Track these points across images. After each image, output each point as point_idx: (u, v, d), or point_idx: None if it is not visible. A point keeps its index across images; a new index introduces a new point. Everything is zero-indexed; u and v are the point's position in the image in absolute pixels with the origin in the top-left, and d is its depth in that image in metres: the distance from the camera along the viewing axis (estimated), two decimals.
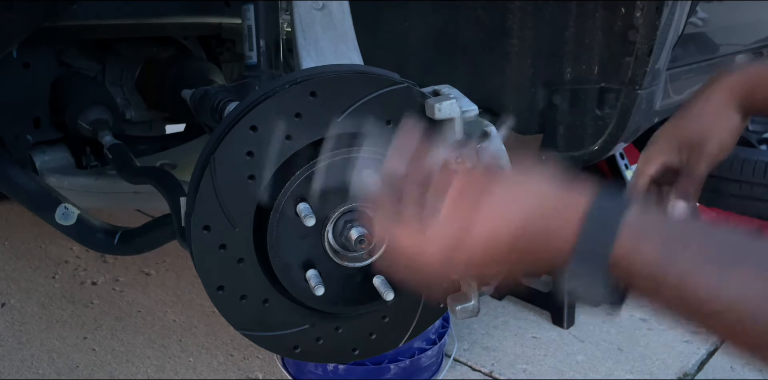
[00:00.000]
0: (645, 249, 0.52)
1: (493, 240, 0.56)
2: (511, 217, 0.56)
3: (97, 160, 1.55)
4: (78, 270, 2.25)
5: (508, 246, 0.56)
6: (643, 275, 0.52)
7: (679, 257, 0.51)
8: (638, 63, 1.21)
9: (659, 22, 1.17)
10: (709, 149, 0.88)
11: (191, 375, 1.70)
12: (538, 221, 0.55)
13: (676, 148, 0.90)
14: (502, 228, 0.56)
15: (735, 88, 0.87)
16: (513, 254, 0.57)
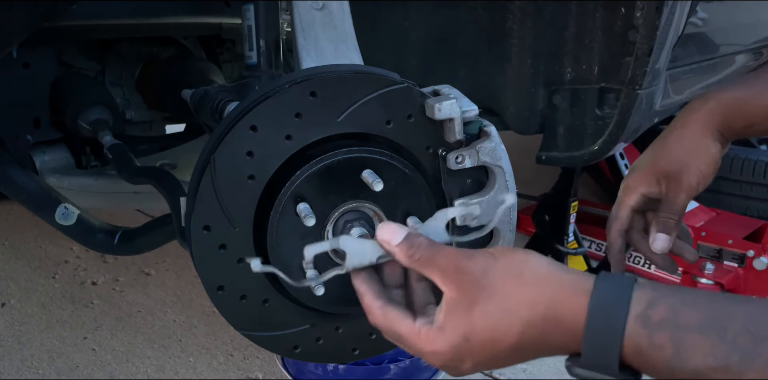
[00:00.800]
0: (655, 355, 0.50)
1: (495, 349, 0.57)
2: (510, 321, 0.56)
3: (97, 160, 1.55)
4: (78, 270, 2.25)
5: (510, 350, 0.57)
6: (657, 376, 0.52)
7: (690, 362, 0.50)
8: (638, 63, 1.21)
9: (659, 22, 1.17)
10: (687, 181, 0.86)
11: (191, 375, 1.70)
12: (539, 322, 0.55)
13: (655, 179, 0.89)
14: (502, 333, 0.56)
15: (712, 117, 0.85)
16: (516, 353, 0.57)
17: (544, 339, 0.55)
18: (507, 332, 0.56)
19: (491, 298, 0.56)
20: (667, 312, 0.51)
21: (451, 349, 0.58)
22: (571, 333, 0.53)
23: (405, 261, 0.63)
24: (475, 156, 0.91)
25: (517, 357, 0.58)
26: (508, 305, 0.56)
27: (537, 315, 0.55)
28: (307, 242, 0.87)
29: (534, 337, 0.55)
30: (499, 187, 0.93)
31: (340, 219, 0.89)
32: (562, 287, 0.55)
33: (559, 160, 1.38)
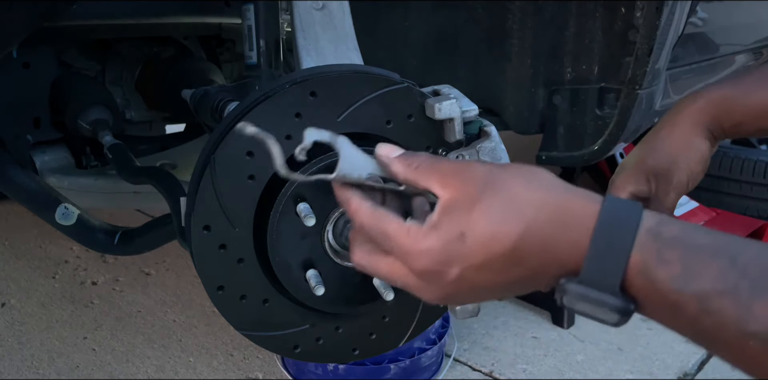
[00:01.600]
0: (661, 272, 0.47)
1: (490, 252, 0.50)
2: (514, 219, 0.50)
3: (97, 160, 1.55)
4: (78, 270, 2.25)
5: (506, 257, 0.51)
6: (658, 301, 0.48)
7: (698, 282, 0.46)
8: (638, 63, 1.21)
9: (659, 22, 1.17)
10: (677, 179, 0.85)
11: (191, 375, 1.70)
12: (544, 225, 0.50)
13: (645, 177, 0.88)
14: (503, 233, 0.50)
15: (702, 115, 0.85)
16: (510, 264, 0.51)
17: (546, 247, 0.50)
18: (508, 232, 0.50)
19: (495, 195, 0.51)
20: (679, 231, 0.48)
21: (442, 247, 0.51)
22: (575, 245, 0.49)
23: (402, 171, 0.58)
24: (476, 156, 0.91)
25: (510, 270, 0.51)
26: (514, 202, 0.50)
27: (544, 216, 0.50)
28: (307, 242, 0.88)
29: (535, 243, 0.50)
30: None
31: (340, 219, 0.89)
32: (573, 193, 0.51)
33: (559, 160, 1.38)
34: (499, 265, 0.51)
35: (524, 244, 0.50)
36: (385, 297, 0.91)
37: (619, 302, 0.48)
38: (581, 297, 0.49)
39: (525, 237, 0.50)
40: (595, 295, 0.49)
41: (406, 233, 0.54)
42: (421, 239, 0.53)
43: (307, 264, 0.89)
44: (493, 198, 0.51)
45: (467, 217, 0.51)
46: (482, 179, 0.52)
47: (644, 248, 0.47)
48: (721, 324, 0.46)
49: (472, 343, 1.85)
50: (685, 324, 0.48)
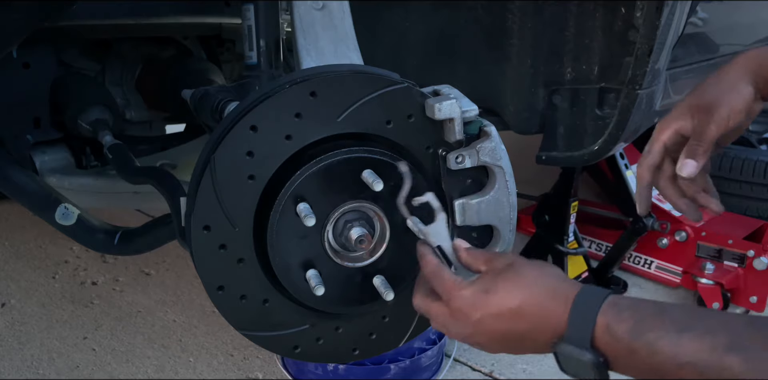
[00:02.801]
0: (619, 328, 0.65)
1: (502, 306, 0.72)
2: (521, 288, 0.72)
3: (97, 160, 1.55)
4: (78, 270, 2.25)
5: (512, 312, 0.71)
6: (620, 351, 0.64)
7: (646, 332, 0.63)
8: (638, 63, 1.21)
9: (659, 22, 1.17)
10: (719, 113, 0.89)
11: (191, 375, 1.70)
12: (540, 298, 0.70)
13: (689, 114, 0.92)
14: (511, 296, 0.71)
15: (749, 63, 0.91)
16: (515, 318, 0.71)
17: (542, 310, 0.69)
18: (516, 295, 0.71)
19: (515, 272, 0.74)
20: (631, 301, 0.67)
21: (472, 295, 0.73)
22: (562, 314, 0.68)
23: (464, 253, 0.82)
24: (475, 156, 0.91)
25: (516, 322, 0.71)
26: (525, 279, 0.73)
27: (543, 290, 0.70)
28: (307, 242, 0.88)
29: (534, 304, 0.70)
30: (499, 186, 0.94)
31: (340, 219, 0.89)
32: (567, 282, 0.72)
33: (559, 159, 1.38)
34: (508, 317, 0.71)
35: (527, 305, 0.70)
36: (385, 297, 0.91)
37: (591, 356, 0.65)
38: (567, 356, 0.67)
39: (528, 300, 0.71)
40: (576, 352, 0.66)
41: (453, 283, 0.76)
42: (462, 288, 0.75)
43: (307, 264, 0.89)
44: (512, 273, 0.74)
45: (493, 282, 0.73)
46: (509, 261, 0.76)
47: (607, 314, 0.66)
48: (664, 360, 0.62)
49: None
50: (641, 366, 0.64)
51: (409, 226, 0.85)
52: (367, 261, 0.92)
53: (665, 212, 2.26)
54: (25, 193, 1.33)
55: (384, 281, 0.92)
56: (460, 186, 0.94)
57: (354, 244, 0.88)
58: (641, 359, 0.63)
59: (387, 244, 0.92)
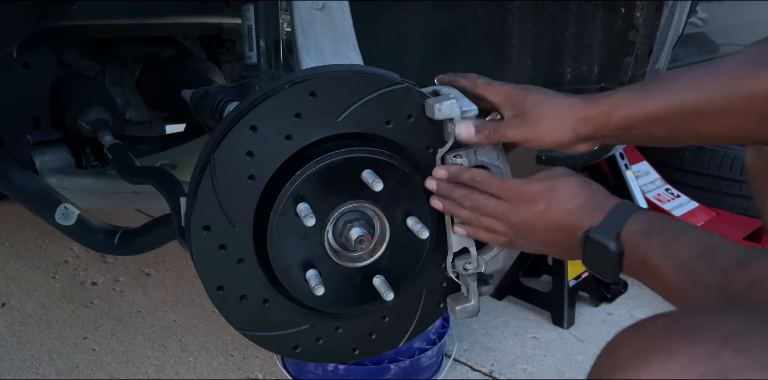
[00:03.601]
0: (637, 233, 0.76)
1: (569, 197, 0.83)
2: (581, 190, 0.84)
3: (97, 160, 1.55)
4: (78, 270, 2.25)
5: (576, 204, 0.83)
6: (630, 244, 0.76)
7: (654, 238, 0.75)
8: (638, 63, 1.22)
9: (659, 22, 1.17)
10: (525, 130, 0.88)
11: (191, 375, 1.70)
12: (594, 196, 0.83)
13: (511, 104, 0.90)
14: (574, 192, 0.83)
15: (594, 123, 0.87)
16: (576, 211, 0.82)
17: (594, 203, 0.81)
18: (576, 193, 0.83)
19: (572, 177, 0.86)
20: (661, 216, 0.79)
21: (542, 188, 0.85)
22: (605, 210, 0.80)
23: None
24: (473, 155, 0.91)
25: (570, 213, 0.82)
26: (578, 183, 0.85)
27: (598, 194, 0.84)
28: (307, 242, 0.88)
29: (590, 198, 0.82)
30: None
31: (340, 219, 0.89)
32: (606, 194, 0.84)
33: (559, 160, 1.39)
34: (568, 209, 0.82)
35: (582, 201, 0.82)
36: (385, 297, 0.91)
37: (614, 245, 0.76)
38: (595, 243, 0.78)
39: (583, 198, 0.83)
40: (604, 239, 0.77)
41: (519, 181, 0.87)
42: (531, 183, 0.86)
43: (307, 264, 0.89)
44: (573, 178, 0.86)
45: (555, 181, 0.85)
46: (566, 171, 0.88)
47: (637, 217, 0.78)
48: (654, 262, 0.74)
49: (472, 343, 1.85)
50: (635, 259, 0.76)
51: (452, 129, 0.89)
52: (367, 261, 0.92)
53: (665, 212, 2.26)
54: (25, 193, 1.33)
55: (384, 281, 0.92)
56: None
57: (354, 244, 0.88)
58: (639, 261, 0.75)
59: (387, 244, 0.92)
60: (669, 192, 2.42)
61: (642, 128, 0.84)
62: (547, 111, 0.88)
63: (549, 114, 0.88)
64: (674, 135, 0.85)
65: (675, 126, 0.83)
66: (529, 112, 0.88)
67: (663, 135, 0.85)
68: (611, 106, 0.86)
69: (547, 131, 0.88)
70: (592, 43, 1.26)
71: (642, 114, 0.83)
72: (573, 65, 1.30)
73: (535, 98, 0.89)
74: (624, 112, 0.84)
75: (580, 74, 1.30)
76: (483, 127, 0.89)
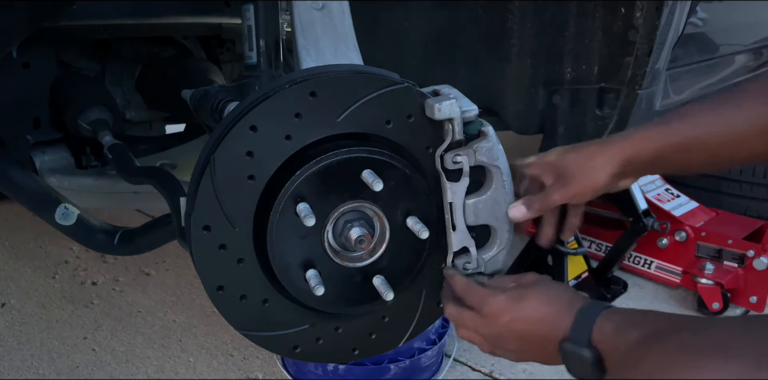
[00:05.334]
0: (607, 327, 0.76)
1: (531, 311, 0.84)
2: (544, 303, 0.84)
3: (97, 160, 1.55)
4: (78, 270, 2.25)
5: (538, 318, 0.84)
6: (608, 346, 0.75)
7: (627, 336, 0.73)
8: (638, 63, 1.21)
9: (659, 22, 1.17)
10: (567, 188, 0.93)
11: (191, 375, 1.70)
12: (557, 308, 0.83)
13: (550, 170, 0.96)
14: (536, 305, 0.84)
15: (623, 152, 0.91)
16: (539, 324, 0.83)
17: (558, 316, 0.81)
18: (542, 304, 0.84)
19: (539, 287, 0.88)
20: (625, 310, 0.78)
21: (506, 301, 0.86)
22: (569, 320, 0.80)
23: (492, 280, 0.96)
24: (472, 155, 0.91)
25: (537, 325, 0.83)
26: (545, 293, 0.86)
27: (558, 303, 0.83)
28: (306, 242, 0.88)
29: (552, 313, 0.82)
30: (497, 186, 0.94)
31: (340, 219, 0.89)
32: (575, 295, 0.85)
33: None
34: (534, 321, 0.83)
35: (547, 313, 0.83)
36: (384, 297, 0.91)
37: (588, 352, 0.76)
38: (570, 353, 0.78)
39: (549, 310, 0.83)
40: (577, 349, 0.77)
41: (487, 292, 0.88)
42: (497, 295, 0.87)
43: (307, 264, 0.89)
44: (540, 287, 0.87)
45: (523, 293, 0.86)
46: (534, 279, 0.90)
47: (603, 318, 0.77)
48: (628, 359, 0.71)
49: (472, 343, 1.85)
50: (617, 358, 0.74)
51: (438, 168, 0.92)
52: (366, 261, 0.92)
53: (665, 212, 2.26)
54: (25, 193, 1.33)
55: (384, 281, 0.92)
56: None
57: (354, 244, 0.88)
58: (618, 352, 0.73)
59: (387, 244, 0.92)
60: (669, 192, 2.42)
61: (668, 157, 0.87)
62: (580, 166, 0.92)
63: (583, 168, 0.92)
64: (691, 162, 0.88)
65: (694, 154, 0.86)
66: (565, 174, 0.93)
67: (680, 162, 0.88)
68: (637, 141, 0.89)
69: (587, 184, 0.92)
70: (592, 43, 1.26)
71: (669, 144, 0.86)
72: (573, 65, 1.30)
73: (564, 159, 0.94)
74: (655, 144, 0.87)
75: (580, 74, 1.30)
76: (532, 203, 0.95)
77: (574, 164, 0.93)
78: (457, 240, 0.94)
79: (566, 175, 0.93)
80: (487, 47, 1.37)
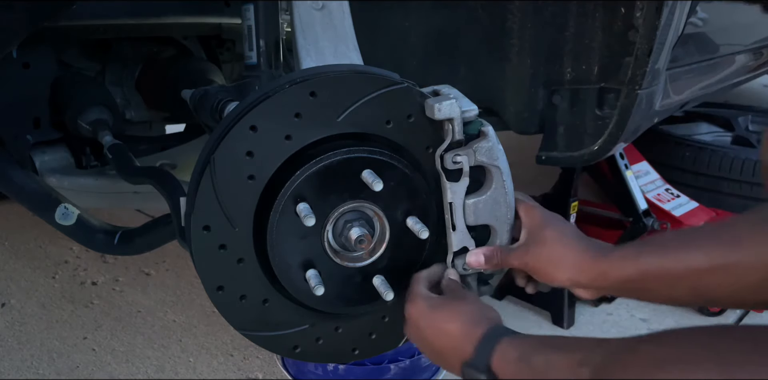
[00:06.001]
0: (510, 355, 0.78)
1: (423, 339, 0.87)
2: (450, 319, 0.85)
3: (97, 160, 1.55)
4: (78, 270, 2.25)
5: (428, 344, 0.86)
6: (508, 372, 0.77)
7: (530, 355, 0.76)
8: (638, 63, 1.21)
9: (659, 22, 1.17)
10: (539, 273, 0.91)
11: (191, 375, 1.70)
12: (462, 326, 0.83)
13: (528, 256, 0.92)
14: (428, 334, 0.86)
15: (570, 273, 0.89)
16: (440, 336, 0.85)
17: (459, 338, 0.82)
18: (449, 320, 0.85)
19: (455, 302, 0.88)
20: (525, 336, 0.82)
21: (422, 306, 0.88)
22: (467, 349, 0.81)
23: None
24: (472, 155, 0.91)
25: (438, 337, 0.85)
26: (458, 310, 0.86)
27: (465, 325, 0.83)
28: (306, 242, 0.88)
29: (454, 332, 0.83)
30: (497, 186, 0.94)
31: (340, 219, 0.89)
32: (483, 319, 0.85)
33: (559, 160, 1.38)
34: (436, 331, 0.85)
35: (453, 329, 0.83)
36: (384, 298, 0.91)
37: (485, 377, 0.78)
38: (470, 377, 0.79)
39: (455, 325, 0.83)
40: (476, 374, 0.78)
41: (415, 294, 0.91)
42: (419, 300, 0.89)
43: (306, 264, 0.89)
44: (455, 303, 0.88)
45: (440, 304, 0.88)
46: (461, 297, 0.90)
47: (504, 345, 0.79)
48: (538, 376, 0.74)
49: None
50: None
51: (437, 168, 0.92)
52: (366, 261, 0.92)
53: (665, 212, 2.26)
54: (25, 193, 1.33)
55: (384, 281, 0.92)
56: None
57: (354, 244, 0.88)
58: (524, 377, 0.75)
59: (387, 244, 0.92)
60: (669, 192, 2.42)
61: (639, 284, 0.84)
62: (554, 252, 0.89)
63: (554, 255, 0.89)
64: (673, 293, 0.83)
65: (672, 284, 0.81)
66: (537, 246, 0.90)
67: (661, 291, 0.84)
68: (611, 263, 0.86)
69: (546, 271, 0.90)
70: (592, 43, 1.26)
71: (637, 271, 0.83)
72: (573, 65, 1.30)
73: (548, 235, 0.90)
74: (621, 268, 0.84)
75: (580, 74, 1.30)
76: (492, 257, 0.95)
77: (550, 247, 0.89)
78: (457, 240, 0.94)
79: (535, 250, 0.90)
80: (487, 47, 1.37)
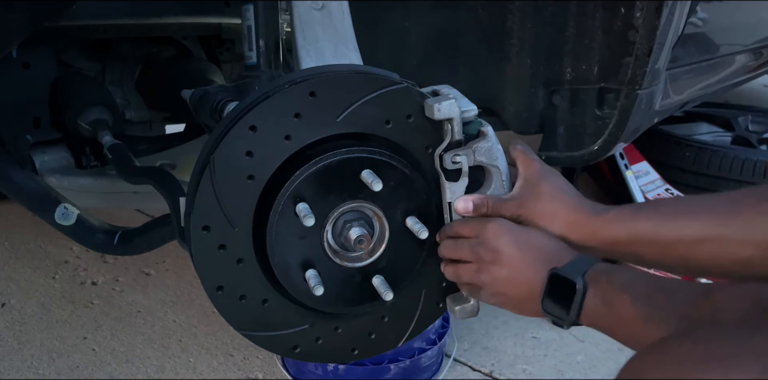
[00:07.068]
0: (600, 272, 0.78)
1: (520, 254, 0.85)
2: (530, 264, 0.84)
3: (97, 160, 1.55)
4: (78, 270, 2.25)
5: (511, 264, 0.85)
6: (596, 287, 0.77)
7: (615, 275, 0.77)
8: (638, 63, 1.21)
9: (659, 22, 1.17)
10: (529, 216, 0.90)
11: (191, 375, 1.70)
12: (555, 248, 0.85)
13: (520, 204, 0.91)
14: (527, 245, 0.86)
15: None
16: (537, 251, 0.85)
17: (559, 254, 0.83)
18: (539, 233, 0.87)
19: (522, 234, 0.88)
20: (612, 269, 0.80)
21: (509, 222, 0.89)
22: (565, 256, 0.82)
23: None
24: (471, 155, 0.91)
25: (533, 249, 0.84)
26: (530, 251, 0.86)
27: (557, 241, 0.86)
28: (306, 242, 0.88)
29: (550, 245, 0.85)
30: (495, 186, 0.94)
31: (340, 219, 0.89)
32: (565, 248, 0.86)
33: (559, 160, 1.38)
34: (533, 246, 0.85)
35: (547, 243, 0.85)
36: (384, 297, 0.91)
37: (581, 281, 0.76)
38: (560, 280, 0.78)
39: (550, 242, 0.86)
40: (570, 274, 0.77)
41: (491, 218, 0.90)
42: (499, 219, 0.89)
43: (306, 264, 0.89)
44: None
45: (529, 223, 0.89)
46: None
47: (597, 266, 0.80)
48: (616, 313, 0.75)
49: (472, 343, 1.85)
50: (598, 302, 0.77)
51: (437, 168, 0.92)
52: (366, 261, 0.92)
53: None
54: (24, 193, 1.33)
55: (383, 281, 0.92)
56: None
57: (353, 244, 0.88)
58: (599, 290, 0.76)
59: (386, 244, 0.92)
60: (669, 192, 2.42)
61: (629, 247, 0.83)
62: (548, 206, 0.88)
63: (548, 209, 0.88)
64: (664, 259, 0.82)
65: (663, 251, 0.81)
66: (531, 199, 0.89)
67: (652, 258, 0.84)
68: (604, 223, 0.85)
69: (538, 225, 0.88)
70: (592, 43, 1.26)
71: (628, 234, 0.82)
72: (573, 65, 1.30)
73: (545, 189, 0.89)
74: (614, 228, 0.84)
75: (580, 74, 1.30)
76: (481, 205, 0.91)
77: (544, 201, 0.88)
78: None
79: (529, 202, 0.89)
80: (487, 47, 1.37)
